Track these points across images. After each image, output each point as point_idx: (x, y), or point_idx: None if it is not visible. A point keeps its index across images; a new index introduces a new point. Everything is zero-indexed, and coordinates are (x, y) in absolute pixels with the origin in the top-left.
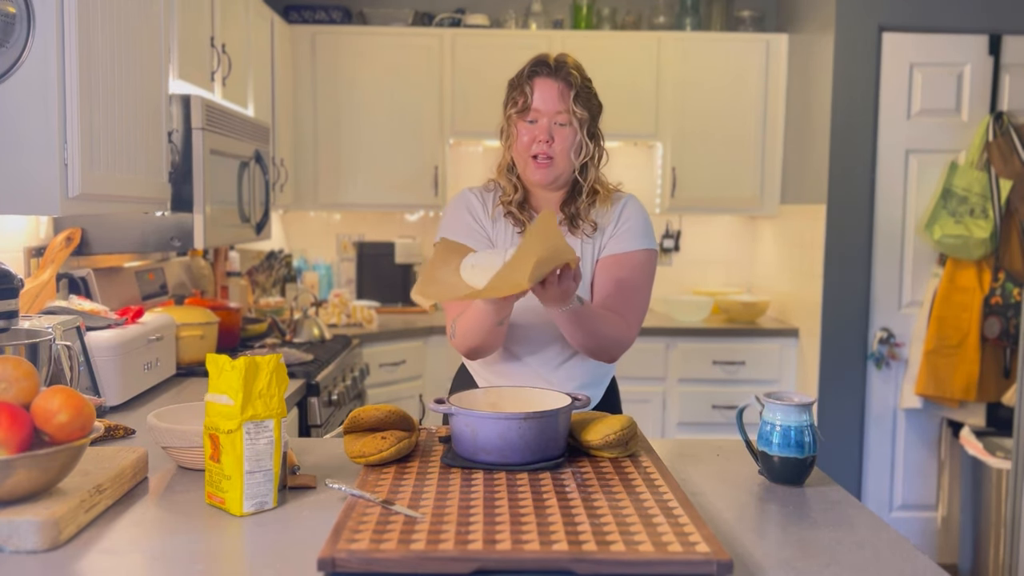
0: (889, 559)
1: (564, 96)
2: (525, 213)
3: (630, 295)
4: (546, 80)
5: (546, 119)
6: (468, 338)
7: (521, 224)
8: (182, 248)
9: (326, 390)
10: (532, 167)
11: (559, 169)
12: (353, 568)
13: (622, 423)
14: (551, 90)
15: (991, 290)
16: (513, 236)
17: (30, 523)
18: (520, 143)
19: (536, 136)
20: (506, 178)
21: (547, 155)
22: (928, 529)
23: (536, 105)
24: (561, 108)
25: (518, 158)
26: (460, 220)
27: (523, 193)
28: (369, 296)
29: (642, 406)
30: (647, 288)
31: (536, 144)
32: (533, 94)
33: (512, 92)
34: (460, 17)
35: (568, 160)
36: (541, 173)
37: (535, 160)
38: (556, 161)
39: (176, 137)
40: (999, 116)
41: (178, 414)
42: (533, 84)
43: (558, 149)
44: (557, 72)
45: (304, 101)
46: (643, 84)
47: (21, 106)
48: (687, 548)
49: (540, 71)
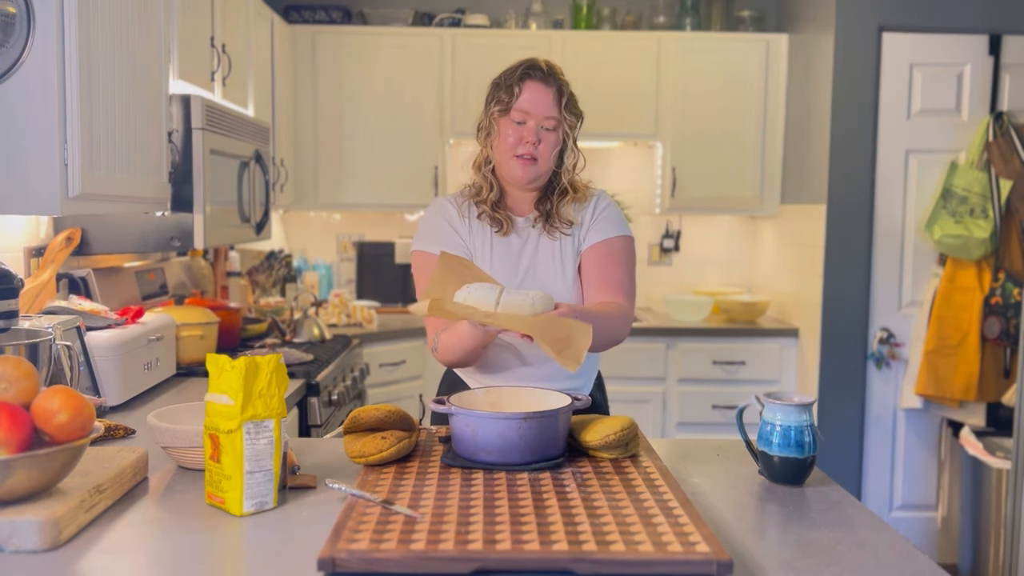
0: (889, 559)
1: (556, 102)
2: (501, 212)
3: (621, 277)
4: (538, 84)
5: (534, 122)
6: (450, 354)
7: (498, 224)
8: (182, 248)
9: (326, 390)
10: (516, 164)
11: (541, 169)
12: (353, 568)
13: (622, 424)
14: (543, 95)
15: (991, 290)
16: (492, 239)
17: (30, 523)
18: (505, 142)
19: (524, 137)
20: (481, 174)
21: (532, 155)
22: (928, 529)
23: (526, 107)
24: (552, 113)
25: (500, 156)
26: (438, 228)
27: (498, 192)
28: (369, 296)
29: (642, 406)
30: (632, 268)
31: (523, 145)
32: (522, 95)
33: (498, 91)
34: (460, 17)
35: (549, 163)
36: (524, 171)
37: (519, 158)
38: (539, 162)
39: (176, 137)
40: (999, 116)
41: (178, 414)
42: (524, 86)
43: (543, 151)
44: (549, 78)
45: (304, 101)
46: (643, 84)
47: (21, 106)
48: (687, 548)
49: (533, 74)
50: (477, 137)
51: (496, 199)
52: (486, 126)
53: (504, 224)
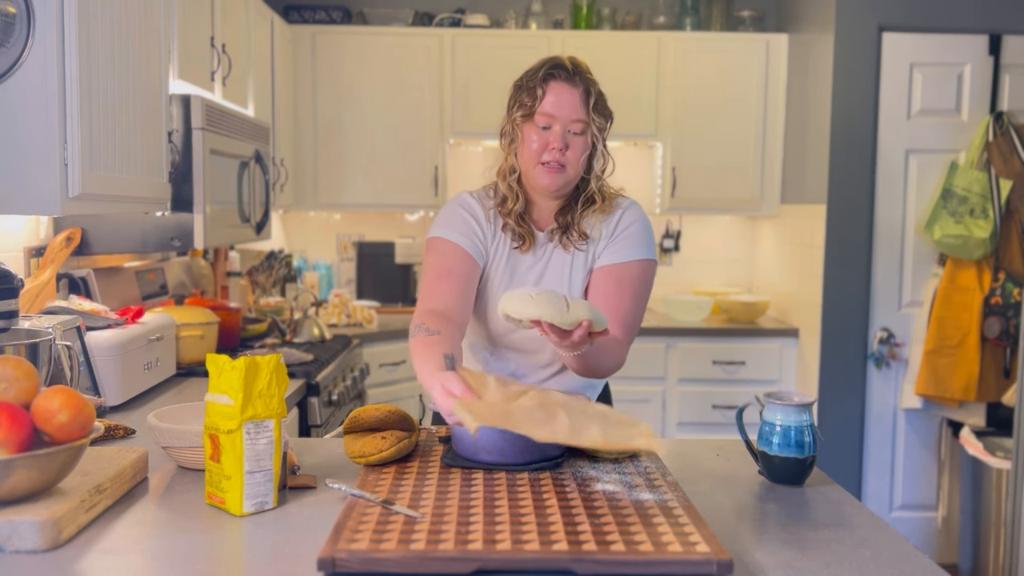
0: (889, 559)
1: (584, 103)
2: (524, 226)
3: (625, 311)
4: (563, 85)
5: (560, 126)
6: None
7: (520, 240)
8: (182, 248)
9: (326, 390)
10: (542, 171)
11: (569, 176)
12: (353, 568)
13: None
14: (569, 96)
15: (991, 290)
16: (509, 252)
17: (30, 523)
18: (529, 149)
19: (550, 143)
20: (507, 184)
21: (559, 162)
22: (928, 529)
23: (550, 110)
24: (579, 116)
25: (525, 163)
26: (461, 220)
27: (524, 203)
28: (369, 296)
29: (642, 406)
30: (643, 301)
31: (549, 152)
32: (545, 98)
33: (520, 94)
34: (460, 17)
35: (579, 170)
36: (550, 178)
37: (545, 166)
38: (567, 169)
39: (176, 137)
40: (999, 116)
41: (178, 414)
42: (547, 88)
43: (571, 158)
44: (575, 77)
45: (304, 101)
46: (643, 84)
47: (21, 106)
48: (687, 548)
49: (557, 74)
50: (500, 143)
51: (521, 210)
52: (509, 132)
53: (526, 240)
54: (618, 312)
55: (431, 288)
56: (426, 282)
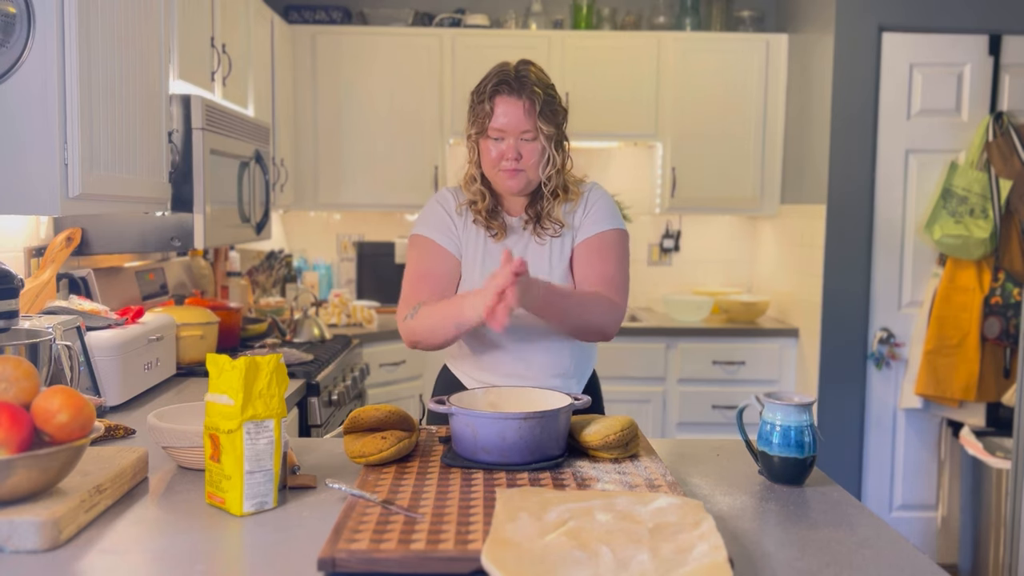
0: (889, 559)
1: (529, 114)
2: (496, 222)
3: (612, 272)
4: (508, 99)
5: (512, 137)
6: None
7: (493, 231)
8: (182, 248)
9: (326, 390)
10: (503, 176)
11: (529, 177)
12: (353, 568)
13: (622, 424)
14: (515, 108)
15: (991, 290)
16: (485, 241)
17: (30, 523)
18: (488, 159)
19: (504, 153)
20: (471, 191)
21: (515, 168)
22: (928, 529)
23: (499, 125)
24: (526, 127)
25: (487, 170)
26: (438, 217)
27: (492, 200)
28: (369, 296)
29: (642, 406)
30: (625, 264)
31: (505, 161)
32: (494, 113)
33: (473, 110)
34: (460, 17)
35: (537, 171)
36: (513, 181)
37: (505, 171)
38: (527, 171)
39: (176, 137)
40: (999, 116)
41: (178, 414)
42: (495, 103)
43: (527, 163)
44: (521, 90)
45: (304, 101)
46: (643, 84)
47: (21, 106)
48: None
49: (502, 90)
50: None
51: (491, 207)
52: (470, 146)
53: (499, 232)
54: (604, 274)
55: (414, 287)
56: (408, 280)
